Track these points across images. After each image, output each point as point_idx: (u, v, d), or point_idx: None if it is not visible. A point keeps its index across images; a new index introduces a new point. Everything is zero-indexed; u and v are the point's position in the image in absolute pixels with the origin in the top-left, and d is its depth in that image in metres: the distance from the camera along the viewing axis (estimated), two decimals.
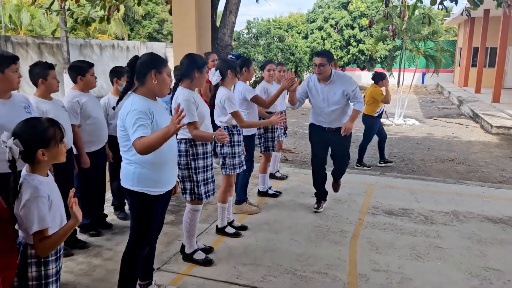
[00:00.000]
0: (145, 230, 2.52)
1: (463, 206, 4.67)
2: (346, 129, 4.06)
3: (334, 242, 3.75)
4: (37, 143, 1.85)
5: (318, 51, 4.45)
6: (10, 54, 2.93)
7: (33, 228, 1.78)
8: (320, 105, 4.23)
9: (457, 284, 3.09)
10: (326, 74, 4.12)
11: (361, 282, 3.10)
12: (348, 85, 4.14)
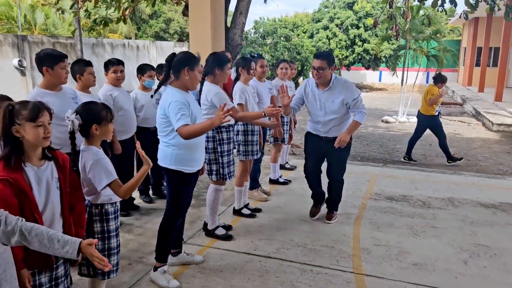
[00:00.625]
0: (179, 203, 2.98)
1: (458, 193, 5.11)
2: (341, 141, 3.73)
3: (339, 222, 4.19)
4: (92, 119, 2.31)
5: (317, 52, 4.00)
6: (58, 53, 3.40)
7: (103, 183, 2.23)
8: (316, 112, 3.90)
9: (449, 257, 3.53)
10: (325, 79, 3.75)
11: (364, 254, 3.55)
12: (349, 93, 3.75)
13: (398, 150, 8.49)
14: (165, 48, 17.28)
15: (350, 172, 5.49)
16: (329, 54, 3.87)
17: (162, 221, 3.05)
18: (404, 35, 11.50)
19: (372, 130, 10.98)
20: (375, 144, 9.18)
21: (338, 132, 3.85)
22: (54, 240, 1.62)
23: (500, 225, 4.21)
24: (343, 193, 4.30)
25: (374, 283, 3.11)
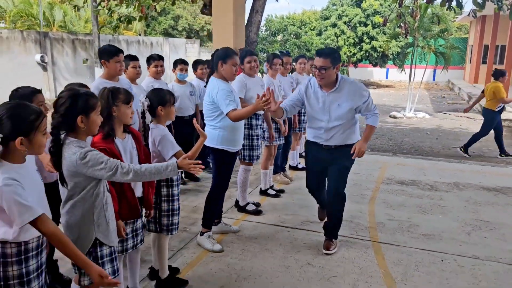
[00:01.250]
0: (224, 177, 3.52)
1: (463, 179, 5.61)
2: (359, 152, 3.26)
3: (356, 202, 4.71)
4: (159, 102, 2.83)
5: (319, 49, 3.40)
6: (114, 48, 3.92)
7: (170, 153, 2.76)
8: (319, 117, 3.39)
9: (454, 229, 4.04)
10: (329, 79, 3.24)
11: (379, 227, 4.07)
12: (358, 96, 3.27)
13: (406, 143, 8.98)
14: (177, 45, 17.82)
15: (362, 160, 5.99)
16: (333, 51, 3.32)
17: (209, 193, 3.59)
18: (413, 33, 11.96)
19: (381, 124, 11.46)
20: (384, 137, 9.68)
21: (340, 141, 3.38)
22: (158, 168, 2.14)
23: (501, 205, 4.71)
24: (357, 178, 4.74)
25: (389, 248, 3.63)
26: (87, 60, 13.72)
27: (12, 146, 1.75)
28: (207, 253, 3.49)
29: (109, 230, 2.22)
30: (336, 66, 3.24)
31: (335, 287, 3.05)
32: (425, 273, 3.24)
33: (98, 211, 2.16)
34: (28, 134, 1.77)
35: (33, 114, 1.79)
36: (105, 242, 2.18)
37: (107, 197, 2.22)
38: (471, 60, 22.84)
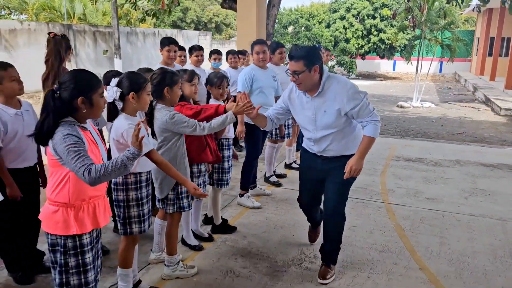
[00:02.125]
0: (253, 147, 4.28)
1: (464, 157, 6.35)
2: (352, 171, 2.76)
3: (369, 175, 5.46)
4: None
5: (291, 52, 2.81)
6: (166, 40, 4.62)
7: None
8: (306, 126, 2.94)
9: (454, 195, 4.78)
10: (308, 84, 2.75)
11: (390, 193, 4.82)
12: (346, 98, 2.71)
13: (413, 129, 9.69)
14: (190, 37, 18.53)
15: None
16: (307, 51, 2.77)
17: (244, 162, 4.35)
18: (420, 26, 12.61)
19: (389, 113, 12.16)
20: (392, 124, 10.39)
21: (337, 151, 2.89)
22: (223, 118, 2.87)
23: (496, 177, 5.45)
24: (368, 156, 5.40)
25: (398, 208, 4.39)
26: (106, 51, 14.46)
27: (127, 100, 2.47)
28: (248, 210, 4.27)
29: (186, 173, 2.98)
30: (313, 67, 2.70)
31: (356, 233, 3.80)
32: (428, 225, 3.99)
33: (179, 158, 2.92)
34: (138, 91, 2.48)
35: (142, 78, 2.53)
36: None
37: (184, 149, 2.98)
38: (477, 53, 23.39)
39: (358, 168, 2.79)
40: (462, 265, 3.28)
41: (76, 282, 2.08)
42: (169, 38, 4.61)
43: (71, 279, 2.08)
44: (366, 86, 19.00)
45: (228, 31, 37.44)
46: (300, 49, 2.82)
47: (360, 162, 2.79)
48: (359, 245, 3.59)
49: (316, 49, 2.92)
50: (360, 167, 2.80)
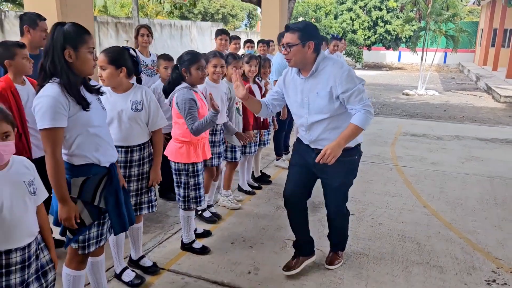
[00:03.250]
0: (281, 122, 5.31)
1: (463, 133, 7.40)
2: (326, 154, 2.48)
3: (380, 146, 6.50)
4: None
5: (288, 24, 2.68)
6: (218, 30, 5.59)
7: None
8: (298, 112, 2.77)
9: (452, 161, 5.82)
10: (299, 60, 2.61)
11: (399, 158, 5.86)
12: (338, 80, 2.54)
13: (418, 114, 10.70)
14: (203, 28, 19.50)
15: (381, 121, 7.82)
16: (306, 25, 2.63)
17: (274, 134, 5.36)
18: (425, 17, 13.57)
19: (395, 100, 13.17)
20: (398, 109, 11.40)
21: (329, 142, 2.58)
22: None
23: (489, 148, 6.49)
24: (379, 132, 6.49)
25: (406, 169, 5.43)
26: (127, 41, 15.47)
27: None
28: (283, 170, 5.32)
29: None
30: (308, 43, 2.56)
31: (372, 185, 4.85)
32: (431, 180, 5.04)
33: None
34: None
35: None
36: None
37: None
38: (481, 43, 24.29)
39: (334, 154, 2.47)
40: (456, 205, 4.33)
41: (193, 195, 3.13)
42: (222, 29, 5.62)
43: (190, 194, 3.14)
44: (373, 76, 19.97)
45: (233, 22, 38.33)
46: (303, 22, 2.66)
47: (337, 149, 2.48)
48: (376, 192, 4.64)
49: (316, 27, 2.71)
50: (336, 155, 2.48)
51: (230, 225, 3.84)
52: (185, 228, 3.31)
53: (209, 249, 3.33)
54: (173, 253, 3.31)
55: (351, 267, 3.15)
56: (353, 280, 2.98)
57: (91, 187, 2.17)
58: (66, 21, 2.16)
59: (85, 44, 2.11)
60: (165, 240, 3.52)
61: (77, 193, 2.13)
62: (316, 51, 2.62)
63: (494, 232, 3.74)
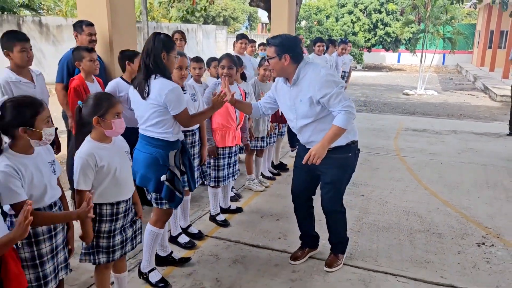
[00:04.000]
0: None
1: (460, 128, 8.05)
2: (311, 156, 2.74)
3: (384, 139, 7.14)
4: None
5: (270, 38, 2.93)
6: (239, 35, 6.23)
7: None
8: (287, 116, 3.06)
9: (450, 152, 6.46)
10: (279, 71, 2.87)
11: (401, 150, 6.50)
12: (317, 87, 2.74)
13: (418, 112, 11.35)
14: (208, 31, 20.15)
15: (384, 118, 8.47)
16: (282, 38, 2.84)
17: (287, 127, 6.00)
18: (424, 20, 14.25)
19: (396, 100, 13.81)
20: (399, 108, 12.05)
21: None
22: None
23: (483, 141, 7.13)
24: (382, 127, 7.13)
25: (408, 158, 6.06)
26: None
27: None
28: None
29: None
30: (284, 56, 2.78)
31: (378, 172, 5.48)
32: (430, 168, 5.67)
33: None
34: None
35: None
36: None
37: None
38: (478, 45, 24.99)
39: (319, 155, 2.72)
40: (453, 187, 4.96)
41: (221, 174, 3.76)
42: (242, 34, 6.22)
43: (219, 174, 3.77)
44: (373, 77, 20.64)
45: (234, 25, 39.01)
46: (280, 36, 2.84)
47: (321, 150, 2.72)
48: (382, 177, 5.27)
49: (295, 39, 2.90)
50: (320, 155, 2.73)
51: (258, 204, 4.46)
52: (212, 202, 3.95)
53: (229, 223, 3.94)
54: (211, 225, 3.92)
55: (364, 234, 3.77)
56: (366, 244, 3.60)
57: (178, 157, 2.81)
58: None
59: (173, 51, 2.74)
60: (204, 215, 4.14)
61: (173, 162, 2.76)
62: (295, 62, 2.83)
63: (485, 208, 4.37)
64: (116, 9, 4.43)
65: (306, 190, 3.22)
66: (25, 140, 1.94)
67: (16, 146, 1.95)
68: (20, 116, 1.91)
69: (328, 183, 3.03)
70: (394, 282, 3.06)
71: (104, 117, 2.22)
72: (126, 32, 4.64)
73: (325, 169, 2.95)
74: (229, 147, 3.81)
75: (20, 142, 1.95)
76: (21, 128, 1.91)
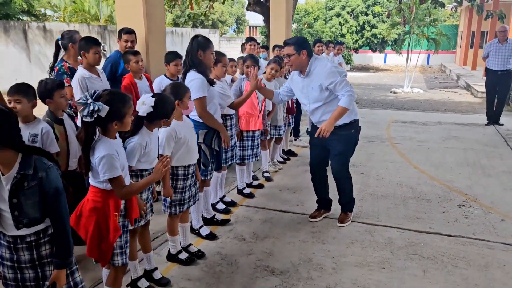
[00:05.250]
0: None
1: (444, 120, 9.03)
2: (322, 131, 3.53)
3: (377, 130, 8.05)
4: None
5: (286, 39, 3.77)
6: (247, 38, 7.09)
7: None
8: (302, 101, 3.91)
9: (435, 139, 7.39)
10: (298, 65, 3.67)
11: (393, 138, 7.42)
12: (323, 77, 3.56)
13: (405, 108, 12.33)
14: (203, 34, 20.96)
15: (375, 113, 9.40)
16: (298, 38, 3.72)
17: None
18: (409, 22, 15.30)
19: (384, 98, 14.79)
20: (388, 105, 13.00)
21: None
22: None
23: (464, 130, 8.10)
24: (376, 118, 8.02)
25: (399, 145, 6.97)
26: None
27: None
28: (302, 149, 6.79)
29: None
30: (302, 51, 3.59)
31: (374, 156, 6.36)
32: (418, 152, 6.58)
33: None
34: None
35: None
36: None
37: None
38: (461, 45, 26.28)
39: (328, 129, 3.55)
40: (438, 166, 5.86)
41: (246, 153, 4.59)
42: (251, 37, 7.02)
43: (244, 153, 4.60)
44: (362, 77, 21.66)
45: (222, 28, 39.86)
46: (293, 38, 3.76)
47: (329, 126, 3.55)
48: (377, 160, 6.16)
49: (305, 39, 3.84)
50: (329, 129, 3.55)
51: (274, 181, 5.30)
52: (239, 178, 4.78)
53: (254, 195, 4.79)
54: (239, 197, 4.74)
55: (367, 201, 4.64)
56: (368, 207, 4.46)
57: (211, 136, 3.61)
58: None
59: (209, 49, 3.55)
60: (231, 190, 4.95)
61: (203, 139, 3.56)
62: (309, 56, 3.67)
63: (465, 181, 5.27)
64: (151, 17, 5.23)
65: (322, 161, 4.06)
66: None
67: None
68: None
69: (337, 155, 3.86)
70: (393, 232, 3.92)
71: (182, 100, 3.03)
72: (158, 36, 5.44)
73: (334, 144, 3.79)
74: (252, 131, 4.64)
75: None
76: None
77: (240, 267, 3.31)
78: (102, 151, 2.21)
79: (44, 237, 1.98)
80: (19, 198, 1.86)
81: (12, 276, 1.98)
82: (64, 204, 1.95)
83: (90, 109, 2.14)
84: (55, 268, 1.97)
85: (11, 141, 1.84)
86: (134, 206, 2.53)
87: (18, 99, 2.84)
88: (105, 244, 2.30)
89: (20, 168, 1.86)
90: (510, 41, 8.16)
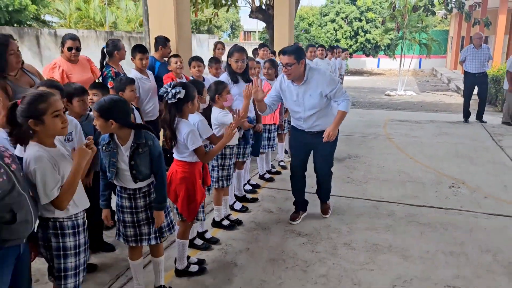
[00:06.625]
0: None
1: (436, 118, 9.94)
2: (329, 136, 3.78)
3: (375, 128, 8.90)
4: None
5: (283, 48, 3.76)
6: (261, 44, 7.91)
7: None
8: (295, 109, 3.93)
9: (428, 135, 8.25)
10: (296, 74, 3.72)
11: (390, 135, 8.27)
12: (325, 84, 3.74)
13: (400, 108, 13.25)
14: (202, 40, 21.77)
15: (372, 113, 10.28)
16: (296, 48, 3.75)
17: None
18: (402, 28, 16.28)
19: (379, 100, 15.70)
20: (383, 106, 13.90)
21: (322, 126, 3.89)
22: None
23: (455, 127, 9.00)
24: (373, 117, 8.86)
25: (396, 140, 7.81)
26: None
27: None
28: None
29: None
30: (301, 61, 3.67)
31: (374, 149, 7.19)
32: (413, 146, 7.43)
33: None
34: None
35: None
36: None
37: None
38: (451, 50, 27.40)
39: (333, 134, 3.79)
40: (431, 157, 6.71)
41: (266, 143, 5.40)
42: (263, 43, 7.89)
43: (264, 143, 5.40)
44: (357, 81, 22.62)
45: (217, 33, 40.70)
46: (291, 46, 3.78)
47: (335, 130, 3.80)
48: (377, 153, 6.99)
49: (302, 48, 3.91)
50: (335, 134, 3.80)
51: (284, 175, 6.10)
52: (260, 165, 5.59)
53: (274, 179, 5.62)
54: (261, 182, 5.54)
55: (370, 184, 5.46)
56: (372, 189, 5.29)
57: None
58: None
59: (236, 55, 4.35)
60: (252, 177, 5.74)
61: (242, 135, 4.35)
62: (304, 65, 3.77)
63: (455, 169, 6.13)
64: (180, 25, 6.04)
65: (303, 162, 4.27)
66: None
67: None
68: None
69: (327, 155, 4.17)
70: (395, 206, 4.75)
71: (221, 94, 3.80)
72: (186, 41, 6.24)
73: (326, 145, 3.97)
74: (269, 124, 5.43)
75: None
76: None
77: (273, 231, 4.11)
78: (186, 128, 3.00)
79: (151, 188, 2.77)
80: (136, 160, 2.63)
81: (130, 219, 2.77)
82: (164, 163, 2.74)
83: (173, 92, 2.93)
84: (156, 210, 2.76)
85: (128, 122, 2.63)
86: (209, 175, 3.35)
87: (96, 92, 3.61)
88: (193, 204, 3.10)
89: (135, 139, 2.64)
90: (484, 47, 9.08)
